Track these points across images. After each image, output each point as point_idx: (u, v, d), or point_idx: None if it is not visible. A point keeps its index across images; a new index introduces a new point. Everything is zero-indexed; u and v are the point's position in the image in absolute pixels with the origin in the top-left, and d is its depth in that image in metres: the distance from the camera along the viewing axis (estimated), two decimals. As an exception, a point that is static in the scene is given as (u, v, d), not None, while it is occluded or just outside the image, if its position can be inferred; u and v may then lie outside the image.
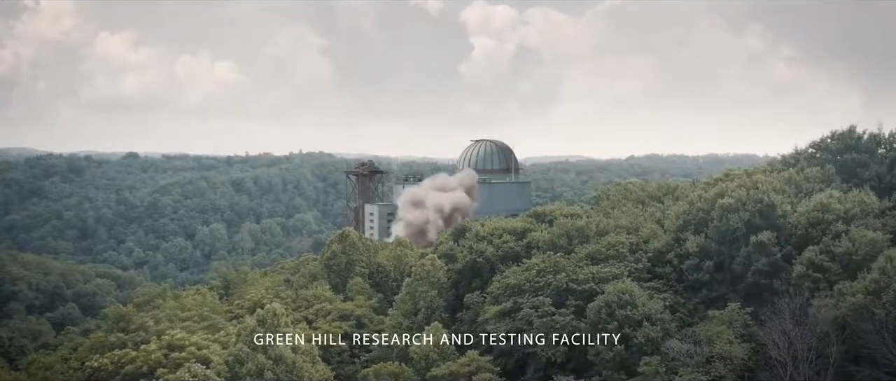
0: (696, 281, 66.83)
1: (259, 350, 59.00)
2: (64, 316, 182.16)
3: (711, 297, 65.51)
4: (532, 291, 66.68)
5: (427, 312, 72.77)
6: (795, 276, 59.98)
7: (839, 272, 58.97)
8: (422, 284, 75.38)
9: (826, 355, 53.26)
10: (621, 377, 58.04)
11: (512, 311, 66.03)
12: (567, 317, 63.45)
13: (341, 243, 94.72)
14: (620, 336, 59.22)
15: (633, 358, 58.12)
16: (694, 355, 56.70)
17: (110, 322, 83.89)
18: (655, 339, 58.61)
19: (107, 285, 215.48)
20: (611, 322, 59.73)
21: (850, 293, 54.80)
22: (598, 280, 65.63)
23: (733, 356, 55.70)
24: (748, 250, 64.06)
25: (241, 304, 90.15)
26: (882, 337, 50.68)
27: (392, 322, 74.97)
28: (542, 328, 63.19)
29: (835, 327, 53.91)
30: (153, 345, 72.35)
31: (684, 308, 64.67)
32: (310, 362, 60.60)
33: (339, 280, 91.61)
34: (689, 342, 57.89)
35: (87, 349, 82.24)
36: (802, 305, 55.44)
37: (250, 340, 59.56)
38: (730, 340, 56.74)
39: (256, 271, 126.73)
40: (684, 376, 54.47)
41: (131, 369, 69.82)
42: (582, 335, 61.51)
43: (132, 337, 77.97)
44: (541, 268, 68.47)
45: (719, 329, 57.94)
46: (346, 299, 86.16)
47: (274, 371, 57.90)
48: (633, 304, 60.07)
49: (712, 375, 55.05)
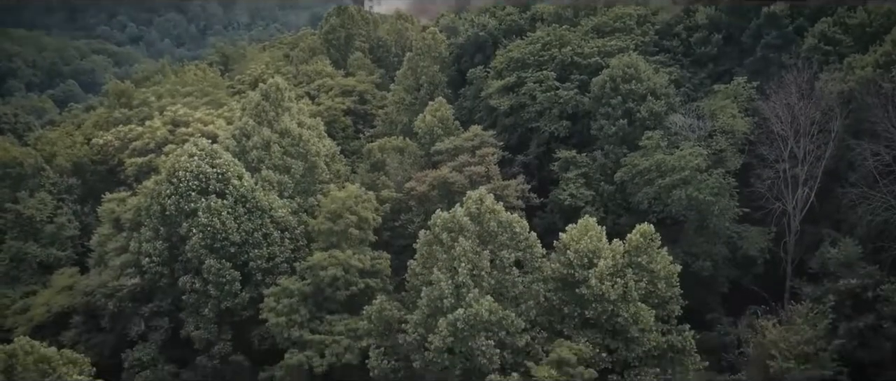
0: (703, 55, 65.69)
1: (265, 124, 59.35)
2: (65, 93, 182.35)
3: (718, 71, 64.74)
4: (536, 65, 65.75)
5: (430, 87, 72.32)
6: (805, 49, 58.84)
7: (851, 45, 57.75)
8: (423, 59, 74.29)
9: (828, 129, 53.51)
10: (623, 151, 58.77)
11: (515, 86, 65.52)
12: (571, 91, 63.13)
13: (339, 16, 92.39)
14: (624, 111, 59.24)
15: (635, 133, 58.50)
16: (696, 129, 57.05)
17: (112, 99, 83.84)
18: (659, 113, 58.66)
19: (104, 62, 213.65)
20: (615, 97, 59.46)
21: (859, 66, 54.02)
22: (604, 54, 64.52)
23: (735, 130, 56.00)
24: (759, 22, 62.33)
25: (242, 79, 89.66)
26: (887, 111, 50.57)
27: (395, 98, 74.80)
28: (546, 103, 63.09)
29: (840, 101, 53.66)
30: (158, 121, 72.79)
31: (690, 83, 64.15)
32: (316, 136, 61.15)
33: (340, 56, 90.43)
34: (693, 116, 57.99)
35: (91, 125, 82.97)
36: (809, 79, 54.85)
37: (255, 114, 59.71)
38: (733, 114, 56.70)
39: (255, 46, 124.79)
40: (685, 149, 55.11)
41: (139, 145, 70.76)
42: (586, 110, 61.58)
43: (136, 113, 78.28)
44: (545, 41, 67.04)
45: (723, 103, 57.70)
46: (348, 75, 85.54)
47: (280, 145, 58.60)
48: (638, 78, 59.45)
49: (713, 148, 55.70)
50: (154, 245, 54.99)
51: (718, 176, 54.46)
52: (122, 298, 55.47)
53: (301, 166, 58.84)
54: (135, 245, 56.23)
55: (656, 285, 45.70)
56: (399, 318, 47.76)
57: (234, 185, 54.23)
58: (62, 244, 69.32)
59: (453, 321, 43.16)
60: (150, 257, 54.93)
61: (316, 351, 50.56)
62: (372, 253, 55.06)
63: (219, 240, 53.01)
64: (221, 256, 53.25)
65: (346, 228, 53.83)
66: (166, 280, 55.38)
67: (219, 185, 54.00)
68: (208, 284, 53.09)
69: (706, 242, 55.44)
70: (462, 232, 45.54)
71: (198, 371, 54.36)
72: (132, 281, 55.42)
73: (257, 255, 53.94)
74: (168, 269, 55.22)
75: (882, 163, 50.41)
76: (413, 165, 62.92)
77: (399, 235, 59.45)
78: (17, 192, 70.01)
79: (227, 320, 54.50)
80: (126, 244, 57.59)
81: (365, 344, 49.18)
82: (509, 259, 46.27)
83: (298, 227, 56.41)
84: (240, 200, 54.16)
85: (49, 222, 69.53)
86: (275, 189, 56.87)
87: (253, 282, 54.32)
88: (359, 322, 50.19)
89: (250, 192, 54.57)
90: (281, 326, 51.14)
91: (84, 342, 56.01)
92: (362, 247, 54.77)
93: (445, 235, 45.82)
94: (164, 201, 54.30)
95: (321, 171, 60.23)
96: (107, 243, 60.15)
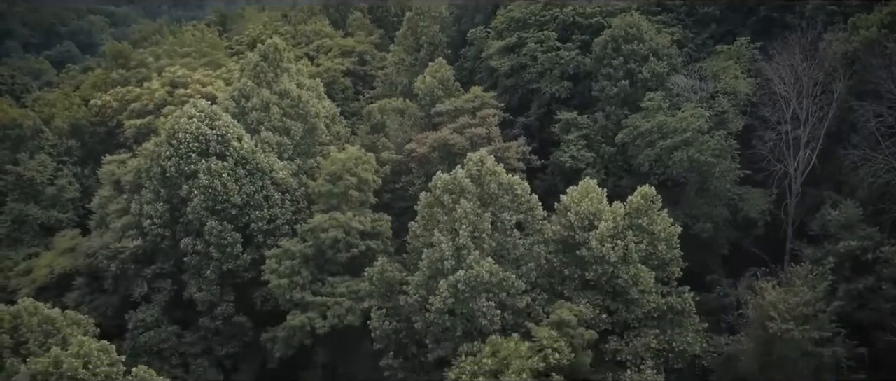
0: (706, 15, 64.92)
1: (264, 85, 58.98)
2: (62, 54, 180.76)
3: (721, 32, 64.04)
4: (537, 25, 65.04)
5: (430, 48, 71.73)
6: (810, 8, 58.16)
7: (855, 5, 56.99)
8: (423, 19, 73.56)
9: (831, 90, 53.14)
10: (624, 112, 58.47)
11: (516, 46, 64.94)
12: (572, 52, 62.62)
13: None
14: (625, 72, 58.82)
15: (637, 94, 58.14)
16: (698, 90, 56.66)
17: (109, 60, 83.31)
18: (661, 74, 58.25)
19: (101, 22, 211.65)
20: (616, 57, 58.98)
21: (864, 27, 53.43)
22: (606, 14, 63.81)
23: (738, 91, 55.63)
24: (764, -19, 61.65)
25: (241, 40, 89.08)
26: (891, 72, 50.17)
27: (394, 59, 74.25)
28: (547, 63, 62.62)
29: (844, 61, 53.21)
30: (156, 83, 72.38)
31: (692, 43, 63.52)
32: (316, 97, 60.81)
33: (339, 15, 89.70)
34: (695, 77, 57.56)
35: (89, 86, 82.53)
36: (813, 39, 54.36)
37: (254, 75, 59.31)
38: (736, 74, 56.26)
39: (253, 6, 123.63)
40: (687, 111, 54.80)
41: (137, 106, 70.45)
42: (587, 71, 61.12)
43: (134, 74, 77.84)
44: (547, 1, 66.26)
45: (726, 64, 57.19)
46: (347, 36, 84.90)
47: (280, 106, 58.33)
48: (640, 38, 58.90)
49: (715, 110, 55.40)
50: (155, 207, 55.00)
51: (720, 138, 54.22)
52: (124, 260, 55.65)
53: (301, 128, 58.63)
54: (136, 207, 56.24)
55: (656, 247, 45.82)
56: (400, 279, 47.95)
57: (235, 147, 54.06)
58: (63, 206, 69.46)
59: (454, 282, 43.33)
60: (151, 219, 54.98)
61: (318, 313, 50.87)
62: (373, 215, 55.11)
63: (220, 202, 53.02)
64: (223, 218, 53.30)
65: (347, 190, 53.80)
66: (168, 242, 55.49)
67: (219, 147, 53.83)
68: (210, 246, 53.21)
69: (707, 204, 55.41)
70: (463, 194, 45.51)
71: (201, 332, 54.75)
72: (134, 243, 55.53)
73: (258, 217, 54.00)
74: (169, 231, 55.30)
75: (885, 124, 50.18)
76: (413, 126, 62.68)
77: (400, 197, 59.45)
78: (17, 154, 69.90)
79: (229, 281, 54.76)
80: (127, 206, 57.60)
81: (367, 306, 49.45)
82: (510, 221, 46.31)
83: (299, 189, 56.38)
84: (240, 161, 54.05)
85: (50, 183, 69.57)
86: (274, 151, 56.74)
87: (254, 244, 54.45)
88: (360, 284, 50.41)
89: (250, 154, 54.44)
90: (283, 288, 51.37)
91: (87, 304, 56.35)
92: (363, 209, 54.78)
93: (446, 197, 45.79)
94: (165, 162, 54.17)
95: (321, 132, 60.05)
96: (108, 204, 60.17)
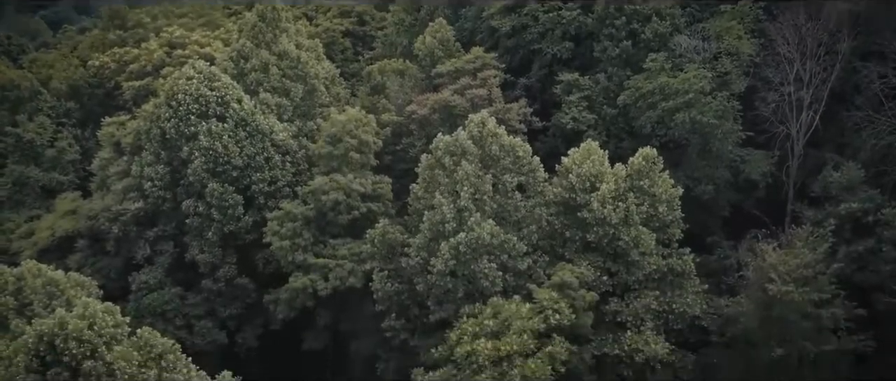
0: (710, -26, 64.20)
1: (263, 46, 58.52)
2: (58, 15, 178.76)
3: (724, -9, 63.40)
4: (539, -15, 64.31)
5: (429, 8, 70.93)
6: (816, -32, 57.52)
7: (862, -36, 56.43)
8: (424, -22, 72.64)
9: (835, 51, 52.74)
10: (626, 74, 58.07)
11: (517, 6, 64.14)
12: (574, 12, 61.89)
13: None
14: (628, 32, 58.28)
15: (639, 55, 57.68)
16: (701, 51, 56.21)
17: (105, 20, 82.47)
18: (664, 34, 57.69)
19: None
20: (619, 17, 58.39)
21: (870, -14, 53.01)
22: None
23: (741, 52, 55.19)
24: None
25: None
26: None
27: (394, 19, 73.51)
28: (548, 24, 61.98)
29: (849, 21, 52.74)
30: (154, 43, 71.74)
31: (696, 3, 62.73)
32: (315, 58, 60.36)
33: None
34: (698, 37, 57.05)
35: (86, 47, 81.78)
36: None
37: (252, 36, 58.80)
38: (739, 35, 55.75)
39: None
40: (689, 72, 54.45)
41: (135, 67, 69.93)
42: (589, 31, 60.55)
43: (131, 35, 77.13)
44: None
45: (730, 25, 56.59)
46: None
47: (279, 67, 57.92)
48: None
49: (718, 71, 55.03)
50: (155, 169, 54.89)
51: (722, 99, 53.94)
52: (126, 222, 55.68)
53: (300, 89, 58.26)
54: (136, 169, 56.12)
55: (657, 209, 45.87)
56: (402, 241, 48.07)
57: (234, 108, 53.77)
58: (64, 168, 69.31)
59: (455, 244, 43.44)
60: (151, 182, 54.89)
61: (320, 275, 51.07)
62: (373, 177, 55.03)
63: (220, 164, 52.92)
64: (223, 179, 53.23)
65: (347, 152, 53.65)
66: (169, 204, 55.49)
67: (218, 108, 53.52)
68: (211, 207, 53.23)
69: (708, 165, 55.35)
70: (464, 156, 45.39)
71: (203, 294, 55.04)
72: (135, 205, 55.52)
73: (259, 178, 53.92)
74: (170, 193, 55.26)
75: (889, 86, 49.97)
76: (414, 87, 62.27)
77: (400, 159, 59.31)
78: (16, 115, 69.53)
79: (231, 243, 54.88)
80: (127, 168, 57.47)
81: (368, 267, 49.62)
82: (511, 183, 46.27)
83: (299, 151, 56.23)
84: (240, 123, 53.80)
85: (49, 145, 69.31)
86: (274, 112, 56.46)
87: (255, 206, 54.46)
88: (362, 246, 50.53)
89: (250, 115, 54.17)
90: (285, 250, 51.50)
91: (90, 266, 56.45)
92: (363, 171, 54.69)
93: (447, 158, 45.69)
94: (164, 124, 53.92)
95: (321, 94, 59.68)
96: (108, 167, 60.04)
